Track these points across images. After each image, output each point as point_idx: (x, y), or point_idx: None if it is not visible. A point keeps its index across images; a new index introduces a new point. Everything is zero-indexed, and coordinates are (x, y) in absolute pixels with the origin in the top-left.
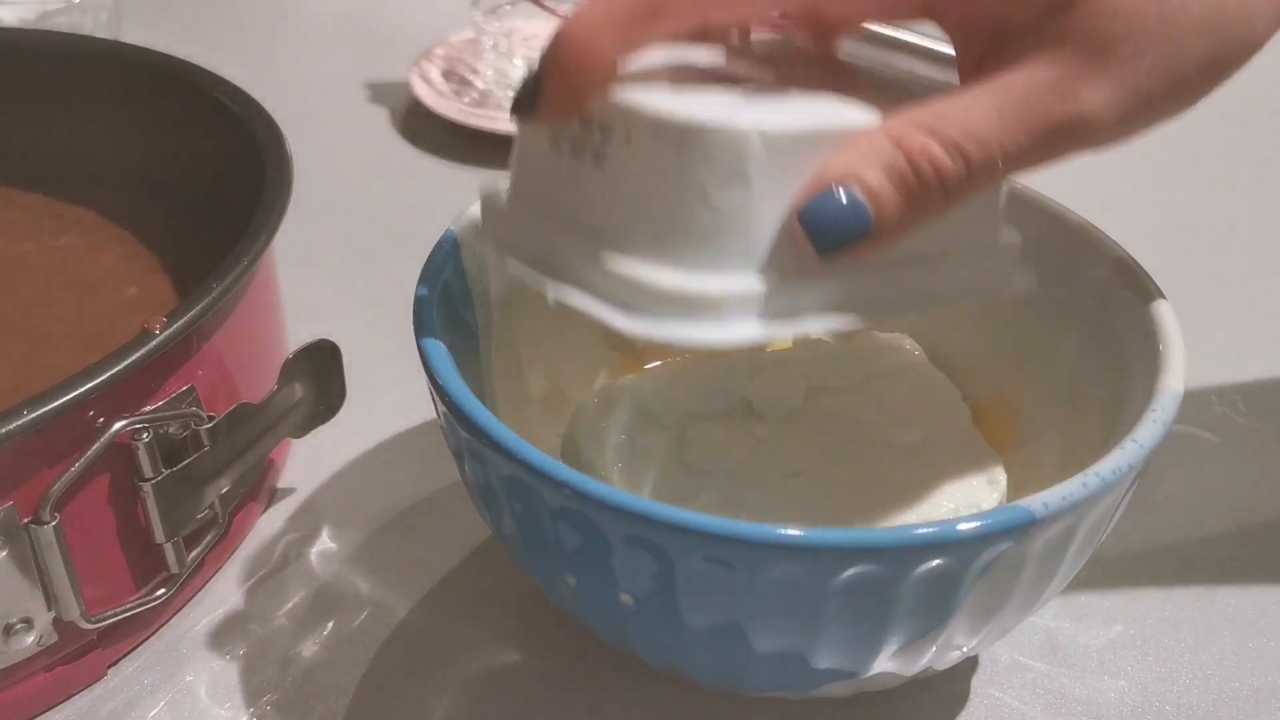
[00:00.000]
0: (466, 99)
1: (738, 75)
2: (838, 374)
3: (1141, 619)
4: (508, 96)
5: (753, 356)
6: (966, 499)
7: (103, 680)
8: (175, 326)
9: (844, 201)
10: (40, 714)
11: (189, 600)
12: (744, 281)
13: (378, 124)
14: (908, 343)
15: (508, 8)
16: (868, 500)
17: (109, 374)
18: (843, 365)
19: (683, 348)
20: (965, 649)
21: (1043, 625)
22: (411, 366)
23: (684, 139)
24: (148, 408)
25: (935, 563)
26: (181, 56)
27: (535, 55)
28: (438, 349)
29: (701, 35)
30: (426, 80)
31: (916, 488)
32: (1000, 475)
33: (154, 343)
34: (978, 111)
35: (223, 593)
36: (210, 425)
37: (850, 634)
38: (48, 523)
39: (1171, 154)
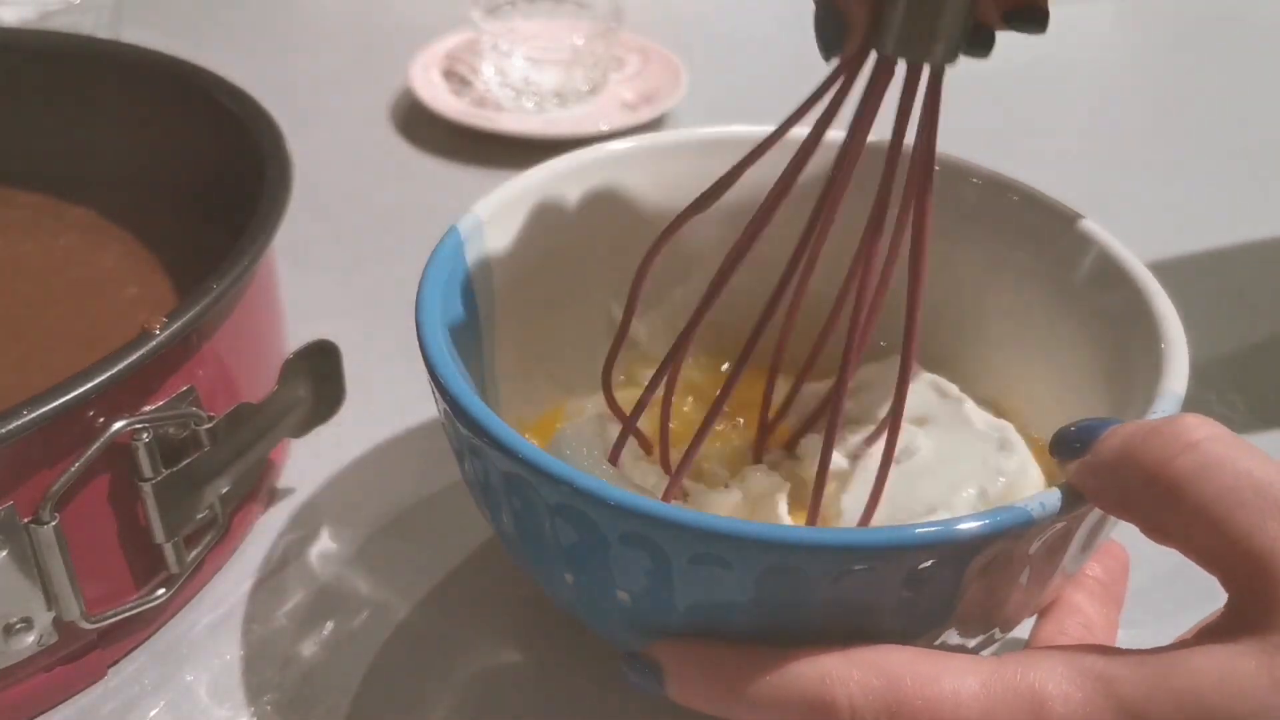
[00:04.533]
0: (466, 99)
1: None
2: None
3: (1141, 620)
4: (508, 96)
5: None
6: (983, 467)
7: (103, 680)
8: (175, 326)
9: (634, 673)
10: (40, 714)
11: (189, 600)
12: None
13: (378, 124)
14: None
15: (508, 8)
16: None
17: (109, 374)
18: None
19: None
20: (965, 649)
21: None
22: (411, 366)
23: None
24: (148, 408)
25: (933, 563)
26: (181, 56)
27: (535, 54)
28: (439, 347)
29: None
30: (427, 80)
31: (930, 468)
32: (1013, 435)
33: (154, 343)
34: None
35: (223, 593)
36: (210, 425)
37: (848, 634)
38: (48, 523)
39: (1173, 151)
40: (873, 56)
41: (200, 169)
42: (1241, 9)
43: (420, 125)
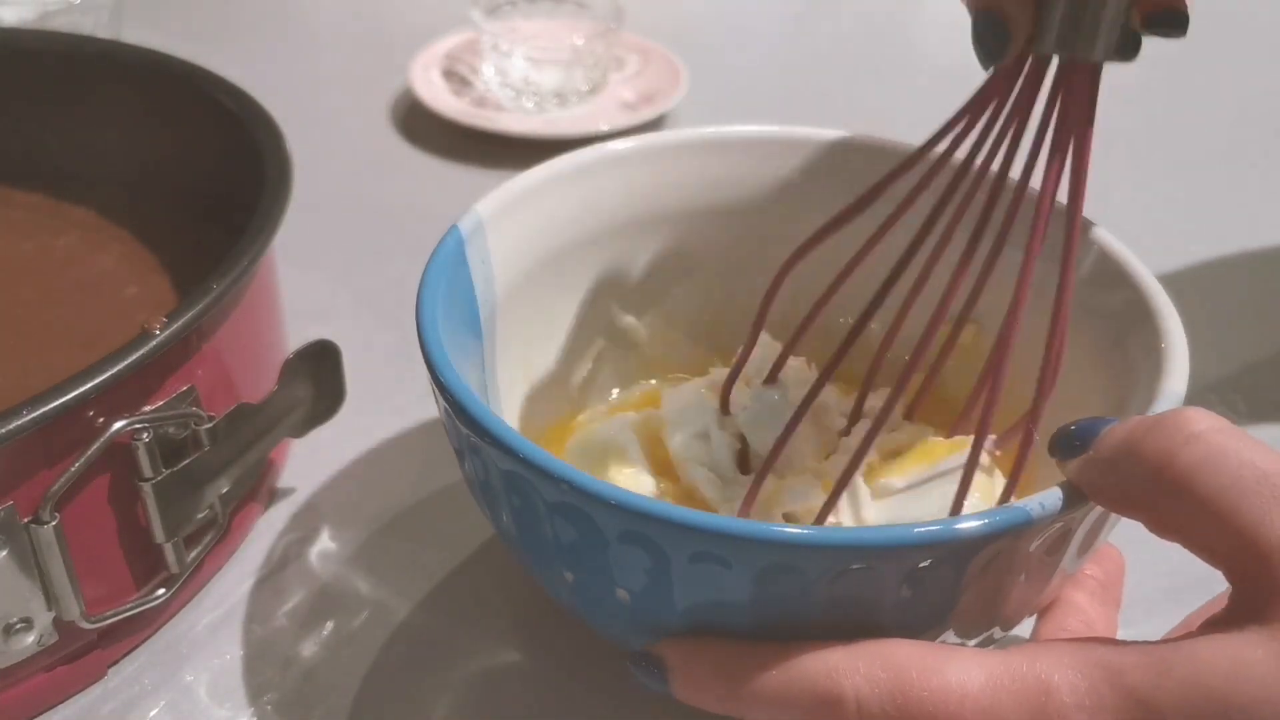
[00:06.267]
0: (466, 99)
1: None
2: None
3: (1141, 621)
4: (508, 96)
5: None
6: None
7: (103, 680)
8: (175, 326)
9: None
10: (40, 714)
11: (189, 600)
12: None
13: (378, 124)
14: None
15: (508, 8)
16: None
17: (109, 374)
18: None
19: None
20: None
21: None
22: (411, 366)
23: None
24: (148, 408)
25: (932, 562)
26: (181, 56)
27: (535, 54)
28: (440, 346)
29: None
30: (426, 80)
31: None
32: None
33: (154, 343)
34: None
35: (223, 593)
36: (210, 425)
37: (847, 632)
38: (48, 523)
39: (1175, 151)
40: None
41: (200, 169)
42: (1241, 9)
43: (420, 125)
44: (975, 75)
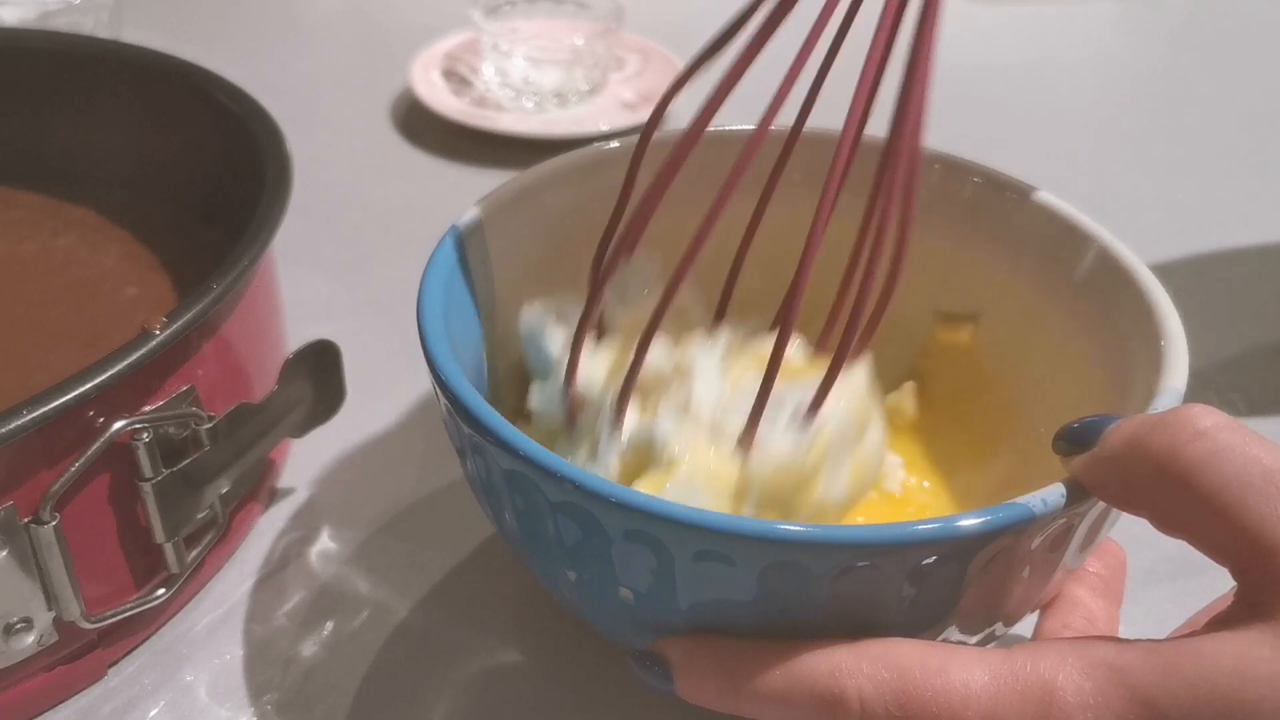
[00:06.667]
0: (466, 99)
1: None
2: None
3: (1142, 619)
4: (508, 96)
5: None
6: None
7: (103, 680)
8: (175, 326)
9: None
10: (40, 714)
11: (189, 600)
12: None
13: (378, 124)
14: None
15: (508, 8)
16: None
17: (109, 374)
18: None
19: None
20: (967, 645)
21: None
22: (411, 366)
23: None
24: (148, 408)
25: (935, 559)
26: (181, 56)
27: (535, 54)
28: (441, 345)
29: None
30: (427, 80)
31: None
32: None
33: (154, 343)
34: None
35: (223, 593)
36: (210, 425)
37: (850, 630)
38: (48, 523)
39: (1173, 151)
40: None
41: (200, 169)
42: (1241, 9)
43: (420, 125)
44: (975, 77)
